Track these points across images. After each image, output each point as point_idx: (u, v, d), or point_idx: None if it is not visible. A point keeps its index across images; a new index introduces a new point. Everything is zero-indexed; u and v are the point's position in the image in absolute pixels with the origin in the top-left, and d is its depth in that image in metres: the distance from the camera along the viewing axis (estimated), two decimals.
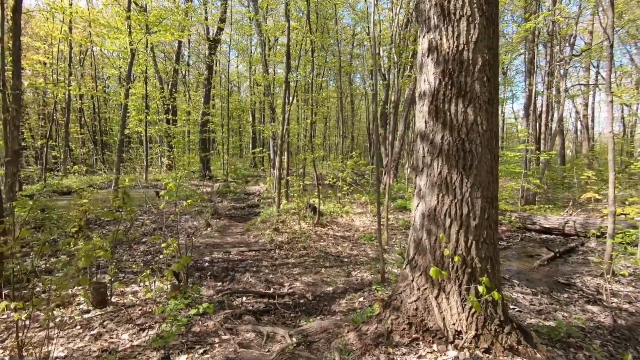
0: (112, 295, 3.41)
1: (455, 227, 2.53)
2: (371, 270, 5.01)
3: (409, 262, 2.81)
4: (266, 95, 15.93)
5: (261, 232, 6.86)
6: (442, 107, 2.57)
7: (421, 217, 2.71)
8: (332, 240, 6.61)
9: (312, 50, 7.66)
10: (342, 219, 8.42)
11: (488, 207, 2.56)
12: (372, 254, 5.99)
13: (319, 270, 4.99)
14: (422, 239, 2.70)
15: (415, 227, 2.79)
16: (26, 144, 19.80)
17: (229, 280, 4.49)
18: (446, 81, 2.54)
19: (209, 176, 18.07)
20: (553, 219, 8.22)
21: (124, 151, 26.76)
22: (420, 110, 2.74)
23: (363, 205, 10.38)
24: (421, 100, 2.74)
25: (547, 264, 6.07)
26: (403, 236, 7.27)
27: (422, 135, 2.71)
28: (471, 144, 2.50)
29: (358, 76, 27.90)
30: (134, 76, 24.12)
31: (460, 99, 2.51)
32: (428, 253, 2.65)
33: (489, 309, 2.49)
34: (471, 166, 2.51)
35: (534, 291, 4.66)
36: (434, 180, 2.61)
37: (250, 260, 5.39)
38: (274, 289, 4.26)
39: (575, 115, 23.42)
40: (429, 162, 2.65)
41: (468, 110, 2.50)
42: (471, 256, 2.53)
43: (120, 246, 6.02)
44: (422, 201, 2.70)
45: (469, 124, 2.50)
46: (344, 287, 4.37)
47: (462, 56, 2.50)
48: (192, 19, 16.29)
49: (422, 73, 2.72)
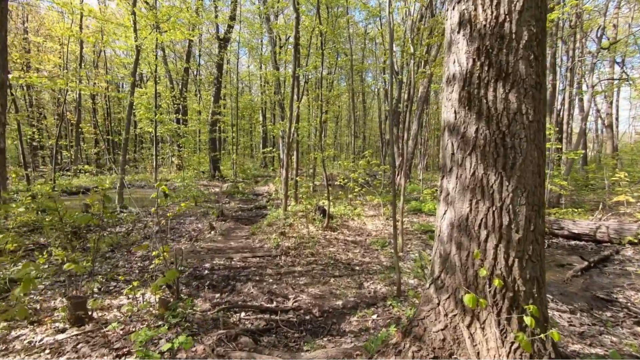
0: (94, 310, 3.05)
1: (493, 241, 2.05)
2: (385, 281, 4.53)
3: (434, 281, 2.34)
4: (276, 93, 15.58)
5: (267, 236, 6.45)
6: (476, 93, 2.10)
7: (449, 227, 2.24)
8: (342, 246, 6.16)
9: (322, 43, 7.22)
10: (354, 222, 7.95)
11: (534, 216, 2.07)
12: (386, 261, 5.51)
13: (327, 281, 4.54)
14: (450, 253, 2.23)
15: (441, 238, 2.32)
16: (42, 143, 19.98)
17: (228, 291, 4.09)
18: (482, 61, 2.07)
19: (218, 176, 17.86)
20: (583, 223, 7.56)
21: (136, 151, 26.94)
22: (449, 98, 2.27)
23: (375, 207, 9.88)
24: (449, 85, 2.26)
25: (581, 274, 5.48)
26: (419, 242, 6.76)
27: (451, 128, 2.23)
28: (513, 138, 2.02)
29: (370, 75, 27.37)
30: (146, 77, 24.19)
31: (500, 83, 2.03)
32: (458, 272, 2.17)
33: (537, 344, 2.00)
34: (513, 165, 2.02)
35: (571, 308, 4.11)
36: (465, 183, 2.14)
37: (253, 267, 4.99)
38: (277, 302, 3.83)
39: (596, 113, 22.33)
40: (460, 161, 2.17)
41: (510, 97, 2.02)
42: (513, 277, 2.04)
43: (118, 250, 5.71)
44: (451, 208, 2.23)
45: (510, 113, 2.02)
46: (355, 301, 3.92)
47: (503, 29, 2.02)
48: (202, 17, 16.08)
49: (451, 53, 2.25)
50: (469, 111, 2.13)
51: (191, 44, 19.54)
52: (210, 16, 17.08)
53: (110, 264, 4.96)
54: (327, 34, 7.62)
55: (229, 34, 17.67)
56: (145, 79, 24.43)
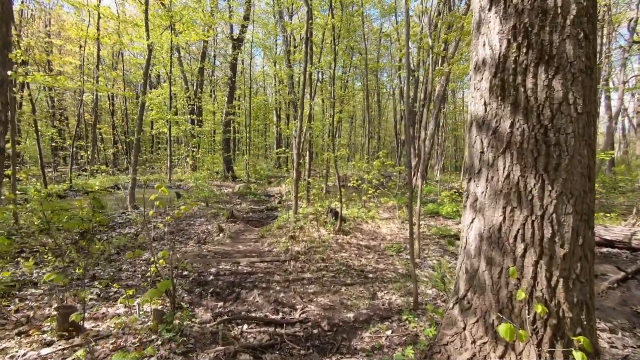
0: (86, 320, 2.85)
1: (532, 257, 1.72)
2: (401, 291, 4.20)
3: (459, 301, 2.01)
4: (290, 93, 15.39)
5: (276, 239, 6.20)
6: (512, 80, 1.76)
7: (477, 238, 1.91)
8: (355, 251, 5.84)
9: (334, 38, 6.93)
10: (367, 226, 7.61)
11: (582, 227, 1.72)
12: (401, 268, 5.17)
13: (338, 289, 4.24)
14: (478, 269, 1.90)
15: (467, 251, 1.99)
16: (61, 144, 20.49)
17: (232, 300, 3.85)
18: (519, 42, 1.73)
19: (231, 176, 17.83)
20: (616, 229, 6.98)
21: (153, 152, 27.33)
22: (477, 88, 1.94)
23: (390, 209, 9.51)
24: (478, 73, 1.93)
25: (618, 286, 4.98)
26: (437, 247, 6.37)
27: (480, 123, 1.91)
28: (558, 134, 1.68)
29: (385, 74, 26.90)
30: (162, 78, 24.49)
31: (541, 67, 1.70)
32: (488, 291, 1.84)
33: None
34: (557, 166, 1.68)
35: (610, 326, 3.67)
36: (498, 187, 1.81)
37: (260, 273, 4.74)
38: (283, 313, 3.56)
39: (624, 112, 21.16)
40: (491, 161, 1.84)
41: (554, 83, 1.68)
42: (557, 301, 1.70)
43: (124, 252, 5.57)
44: (480, 216, 1.90)
45: (554, 103, 1.68)
46: (367, 313, 3.60)
47: (546, 3, 1.68)
48: (216, 17, 16.06)
49: (481, 35, 1.92)
50: (502, 102, 1.80)
51: (206, 44, 19.60)
52: (224, 16, 17.06)
53: (114, 267, 4.81)
54: (341, 31, 7.35)
55: (243, 34, 17.61)
56: (162, 80, 24.75)
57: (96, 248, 5.42)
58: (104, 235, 6.67)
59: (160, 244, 6.33)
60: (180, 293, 3.90)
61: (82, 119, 16.70)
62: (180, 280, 4.35)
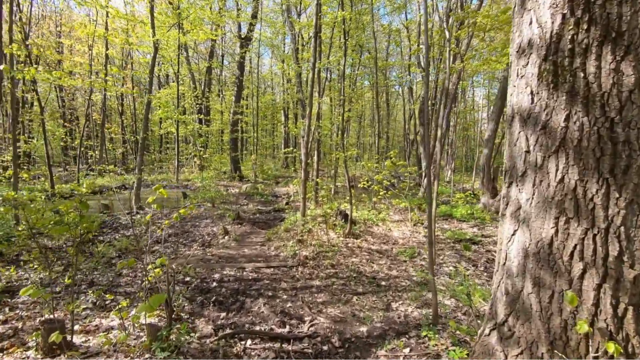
0: (77, 333, 2.62)
1: (594, 279, 1.41)
2: (417, 302, 3.89)
3: (497, 328, 1.71)
4: (298, 91, 15.14)
5: (283, 243, 5.94)
6: (567, 63, 1.46)
7: (521, 254, 1.60)
8: (366, 256, 5.54)
9: (344, 32, 6.64)
10: (378, 228, 7.30)
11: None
12: (416, 275, 4.85)
13: (349, 299, 3.95)
14: (522, 292, 1.59)
15: (508, 269, 1.69)
16: (69, 144, 20.58)
17: (236, 310, 3.59)
18: (578, 16, 1.42)
19: (238, 176, 17.65)
20: None
21: (161, 151, 27.36)
22: (521, 74, 1.63)
23: (401, 211, 9.18)
24: (522, 57, 1.63)
25: None
26: (452, 252, 6.03)
27: (525, 116, 1.60)
28: (628, 129, 1.37)
29: (394, 74, 26.47)
30: (171, 78, 24.47)
31: (607, 47, 1.38)
32: (536, 319, 1.54)
33: None
34: (627, 169, 1.37)
35: None
36: (549, 194, 1.50)
37: (266, 279, 4.47)
38: (290, 325, 3.29)
39: None
40: (539, 162, 1.54)
41: (623, 67, 1.37)
42: (625, 334, 1.38)
43: (126, 255, 5.37)
44: (524, 228, 1.59)
45: (624, 91, 1.37)
46: (382, 327, 3.30)
47: None
48: (224, 16, 15.88)
49: (526, 11, 1.62)
50: (554, 91, 1.49)
51: (214, 43, 19.48)
52: (232, 15, 16.89)
53: (114, 271, 4.60)
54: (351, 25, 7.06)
55: (251, 33, 17.42)
56: (171, 80, 24.74)
57: (97, 251, 5.23)
58: (107, 237, 6.50)
59: (164, 246, 6.12)
60: (181, 302, 3.65)
61: (91, 119, 16.70)
62: (181, 287, 4.11)
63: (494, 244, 6.72)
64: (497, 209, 9.22)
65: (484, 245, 6.57)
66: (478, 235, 7.07)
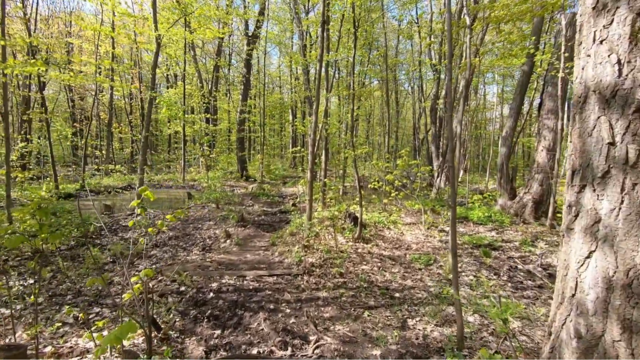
0: (48, 357, 2.26)
1: None
2: (437, 318, 3.45)
3: None
4: (305, 89, 14.76)
5: (288, 248, 5.55)
6: None
7: (602, 285, 1.17)
8: (377, 263, 5.11)
9: (354, 20, 6.22)
10: (389, 232, 6.86)
11: None
12: (433, 286, 4.41)
13: (359, 314, 3.53)
14: (603, 337, 1.16)
15: (581, 303, 1.25)
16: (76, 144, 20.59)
17: (233, 327, 3.20)
18: None
19: (245, 176, 17.36)
20: None
21: (169, 151, 27.28)
22: (600, 38, 1.20)
23: (413, 213, 8.70)
24: (603, 13, 1.19)
25: None
26: (470, 259, 5.56)
27: (608, 95, 1.16)
28: None
29: (403, 72, 25.92)
30: (179, 78, 24.34)
31: None
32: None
33: None
34: None
35: None
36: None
37: (268, 290, 4.08)
38: (292, 347, 2.89)
39: None
40: (632, 158, 1.10)
41: None
42: None
43: (120, 261, 5.04)
44: (606, 249, 1.16)
45: None
46: (398, 350, 2.88)
47: None
48: (231, 13, 15.60)
49: None
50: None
51: (221, 41, 19.24)
52: (238, 12, 16.59)
53: (105, 278, 4.26)
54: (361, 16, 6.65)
55: (258, 30, 17.11)
56: (179, 79, 24.62)
57: (89, 256, 4.91)
58: (104, 240, 6.21)
59: (162, 250, 5.79)
60: (172, 317, 3.29)
61: (99, 118, 16.60)
62: (174, 299, 3.75)
63: (516, 249, 6.22)
64: (515, 211, 8.67)
65: (505, 251, 6.08)
66: (498, 240, 6.58)
